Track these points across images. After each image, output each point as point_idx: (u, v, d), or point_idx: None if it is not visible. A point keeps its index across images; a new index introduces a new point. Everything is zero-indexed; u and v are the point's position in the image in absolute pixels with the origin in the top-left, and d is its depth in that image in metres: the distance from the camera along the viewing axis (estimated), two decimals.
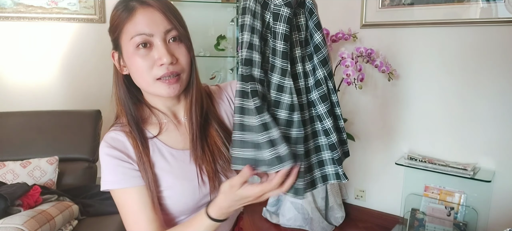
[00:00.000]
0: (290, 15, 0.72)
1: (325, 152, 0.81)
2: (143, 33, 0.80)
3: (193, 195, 0.87)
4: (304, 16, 0.77)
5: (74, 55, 2.53)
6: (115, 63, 0.88)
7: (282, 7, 0.72)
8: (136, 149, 0.85)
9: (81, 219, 1.73)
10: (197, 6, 2.74)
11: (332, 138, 0.79)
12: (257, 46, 0.73)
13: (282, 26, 0.72)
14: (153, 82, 0.83)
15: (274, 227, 2.55)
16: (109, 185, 0.84)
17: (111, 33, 0.87)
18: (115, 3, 0.85)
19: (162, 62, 0.80)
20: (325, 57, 0.78)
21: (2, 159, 1.87)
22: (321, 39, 0.78)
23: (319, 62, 0.78)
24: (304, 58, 0.79)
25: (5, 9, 2.40)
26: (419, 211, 2.29)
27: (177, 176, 0.87)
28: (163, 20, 0.81)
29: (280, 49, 0.73)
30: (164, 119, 0.91)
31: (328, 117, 0.78)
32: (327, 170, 0.82)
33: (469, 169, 2.05)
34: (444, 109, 2.23)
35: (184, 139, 0.91)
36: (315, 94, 0.79)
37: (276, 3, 0.73)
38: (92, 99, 2.42)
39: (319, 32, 0.78)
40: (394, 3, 2.27)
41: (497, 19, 1.98)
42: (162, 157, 0.88)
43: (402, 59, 2.31)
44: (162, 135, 0.90)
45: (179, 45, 0.84)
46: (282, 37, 0.72)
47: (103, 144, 0.86)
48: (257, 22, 0.73)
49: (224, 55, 2.80)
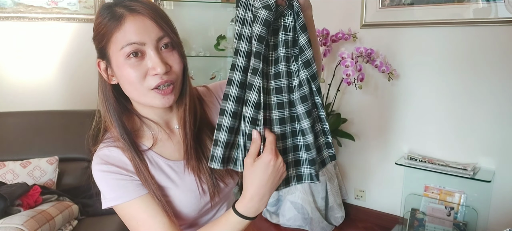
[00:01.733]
0: (268, 18, 0.74)
1: (302, 151, 0.83)
2: (134, 42, 0.75)
3: (195, 205, 0.86)
4: (292, 17, 0.78)
5: (74, 55, 2.53)
6: (101, 72, 0.83)
7: (260, 9, 0.74)
8: (133, 161, 0.81)
9: (81, 219, 1.73)
10: (197, 6, 2.74)
11: (308, 139, 0.80)
12: (243, 51, 0.76)
13: (259, 27, 0.74)
14: (146, 93, 0.78)
15: (274, 227, 2.55)
16: (112, 201, 0.80)
17: (96, 42, 0.81)
18: (99, 10, 0.80)
19: (156, 72, 0.76)
20: (308, 59, 0.79)
21: (2, 159, 1.87)
22: (305, 42, 0.79)
23: (302, 64, 0.80)
24: (290, 58, 0.80)
25: (5, 9, 2.40)
26: (419, 211, 2.29)
27: (178, 187, 0.85)
28: (154, 27, 0.76)
29: (254, 49, 0.75)
30: (157, 129, 0.87)
31: (306, 118, 0.79)
32: (303, 170, 0.83)
33: (469, 169, 2.05)
34: (444, 109, 2.23)
35: (179, 149, 0.88)
36: (296, 95, 0.80)
37: (256, 6, 0.75)
38: (92, 99, 2.39)
39: (304, 34, 0.79)
40: (394, 3, 2.27)
41: (497, 19, 1.98)
42: (160, 170, 0.85)
43: (402, 59, 2.31)
44: (156, 146, 0.86)
45: (171, 52, 0.80)
46: (256, 37, 0.75)
47: (97, 161, 0.81)
48: (245, 29, 0.77)
49: (224, 55, 2.80)
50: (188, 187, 0.86)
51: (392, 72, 2.25)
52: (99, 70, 0.83)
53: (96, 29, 0.80)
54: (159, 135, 0.87)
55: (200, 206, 0.87)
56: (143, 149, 0.85)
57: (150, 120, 0.86)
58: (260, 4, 0.74)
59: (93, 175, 0.81)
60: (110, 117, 0.84)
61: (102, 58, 0.81)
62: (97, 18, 0.79)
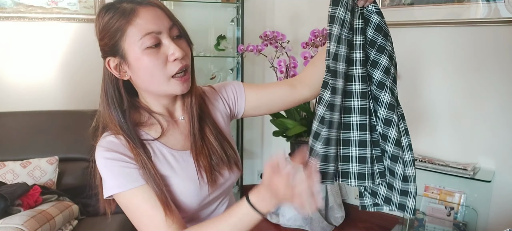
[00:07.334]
0: (381, 23, 0.84)
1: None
2: (152, 31, 0.78)
3: (195, 195, 0.87)
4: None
5: (74, 55, 2.52)
6: (111, 71, 0.83)
7: (373, 14, 0.85)
8: (133, 150, 0.82)
9: (81, 219, 1.74)
10: (197, 6, 2.74)
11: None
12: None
13: (371, 32, 0.85)
14: (167, 81, 0.81)
15: (274, 227, 2.55)
16: (114, 189, 0.80)
17: (107, 39, 0.80)
18: (102, 11, 0.80)
19: (176, 57, 0.79)
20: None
21: (2, 159, 1.87)
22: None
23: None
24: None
25: (5, 9, 2.40)
26: (419, 211, 2.29)
27: (180, 177, 0.86)
28: (165, 17, 0.80)
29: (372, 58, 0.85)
30: (162, 120, 0.89)
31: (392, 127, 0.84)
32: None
33: (469, 169, 2.05)
34: (444, 109, 2.23)
35: (183, 139, 0.91)
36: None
37: (369, 9, 0.85)
38: (92, 99, 2.39)
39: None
40: (394, 3, 2.27)
41: (497, 19, 1.98)
42: (164, 158, 0.86)
43: (402, 59, 2.30)
44: (161, 136, 0.88)
45: (181, 40, 0.83)
46: (371, 43, 0.85)
47: (100, 149, 0.82)
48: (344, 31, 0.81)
49: (224, 55, 2.80)
50: (189, 177, 0.87)
51: None
52: (108, 69, 0.83)
53: (106, 26, 0.80)
54: (165, 125, 0.89)
55: (200, 197, 0.88)
56: (148, 139, 0.86)
57: (155, 111, 0.89)
58: (374, 8, 0.81)
59: (97, 162, 0.82)
60: (110, 114, 0.84)
61: (114, 55, 0.81)
62: (104, 16, 0.80)
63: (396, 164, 0.83)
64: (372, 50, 0.82)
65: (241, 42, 2.68)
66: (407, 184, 0.84)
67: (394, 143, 0.82)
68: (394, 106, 0.82)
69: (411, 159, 0.83)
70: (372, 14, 0.82)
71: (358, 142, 0.83)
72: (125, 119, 0.84)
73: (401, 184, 0.84)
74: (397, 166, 0.83)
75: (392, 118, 0.81)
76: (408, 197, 0.85)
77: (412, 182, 0.84)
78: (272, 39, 2.40)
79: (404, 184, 0.84)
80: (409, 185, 0.84)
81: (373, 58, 0.83)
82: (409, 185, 0.84)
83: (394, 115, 0.82)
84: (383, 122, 0.82)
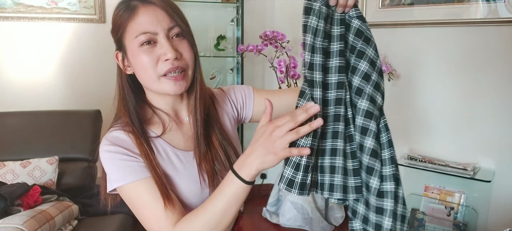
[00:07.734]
0: (361, 28, 0.80)
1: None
2: (147, 31, 0.80)
3: (197, 196, 0.87)
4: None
5: (74, 55, 2.52)
6: (119, 63, 0.88)
7: (354, 19, 0.80)
8: (140, 146, 0.83)
9: (81, 219, 1.74)
10: (197, 6, 2.74)
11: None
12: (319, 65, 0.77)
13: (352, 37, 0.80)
14: (158, 79, 0.82)
15: (274, 227, 2.55)
16: (117, 182, 0.81)
17: (114, 34, 0.86)
18: (117, 4, 0.85)
19: (167, 58, 0.80)
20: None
21: (2, 159, 1.87)
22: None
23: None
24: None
25: (5, 9, 2.40)
26: (419, 211, 2.29)
27: (182, 176, 0.87)
28: (166, 17, 0.81)
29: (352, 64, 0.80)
30: (167, 119, 0.90)
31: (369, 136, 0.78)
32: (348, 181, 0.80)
33: (469, 169, 2.05)
34: (444, 109, 2.23)
35: (187, 139, 0.91)
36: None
37: (350, 15, 0.80)
38: (92, 99, 2.41)
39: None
40: (394, 3, 2.27)
41: (497, 19, 1.98)
42: (167, 157, 0.87)
43: (402, 59, 2.31)
44: (165, 134, 0.89)
45: (182, 41, 0.84)
46: (353, 50, 0.80)
47: (104, 142, 0.84)
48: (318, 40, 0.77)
49: (224, 55, 2.80)
50: (191, 177, 0.87)
51: (392, 72, 2.25)
52: (117, 62, 0.88)
53: (113, 21, 0.85)
54: (169, 124, 0.90)
55: (201, 199, 0.88)
56: (152, 136, 0.88)
57: (161, 110, 0.90)
58: (355, 13, 0.77)
59: (101, 156, 0.84)
60: (123, 105, 0.87)
61: (119, 49, 0.87)
62: (114, 11, 0.85)
63: (371, 176, 0.76)
64: (352, 55, 0.79)
65: (241, 42, 2.69)
66: (382, 200, 0.75)
67: (370, 153, 0.75)
68: (372, 114, 0.77)
69: (392, 173, 0.75)
70: (352, 19, 0.78)
71: (330, 150, 0.78)
72: (136, 112, 0.87)
73: (376, 200, 0.76)
74: (372, 179, 0.75)
75: (369, 126, 0.76)
76: (384, 215, 0.75)
77: (389, 198, 0.75)
78: (272, 39, 2.40)
79: (379, 200, 0.75)
80: (384, 201, 0.75)
81: (353, 64, 0.79)
82: (384, 201, 0.75)
83: (372, 124, 0.76)
84: (360, 131, 0.76)
